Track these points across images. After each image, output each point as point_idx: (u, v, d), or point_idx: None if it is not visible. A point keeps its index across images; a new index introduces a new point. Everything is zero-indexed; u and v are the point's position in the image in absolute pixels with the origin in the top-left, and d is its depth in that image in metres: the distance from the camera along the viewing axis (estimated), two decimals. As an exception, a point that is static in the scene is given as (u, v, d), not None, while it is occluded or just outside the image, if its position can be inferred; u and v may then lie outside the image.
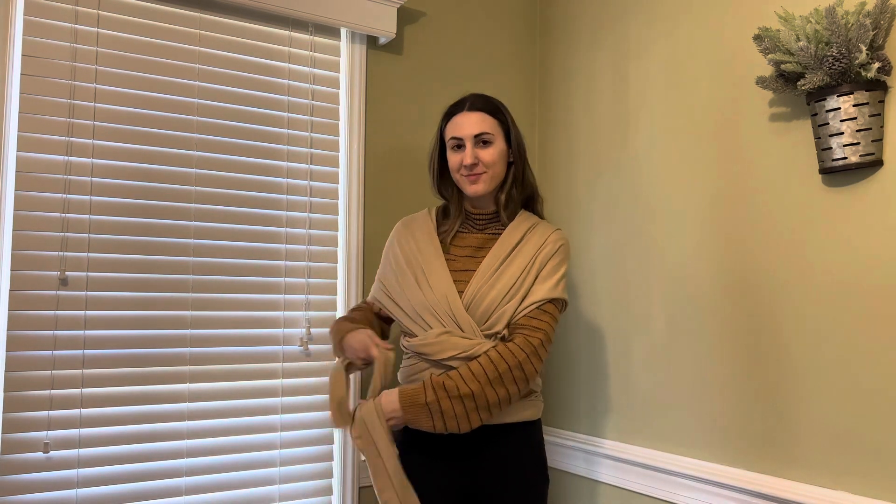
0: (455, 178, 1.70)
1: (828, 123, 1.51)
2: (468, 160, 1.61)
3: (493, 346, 1.54)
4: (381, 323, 1.80)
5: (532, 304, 1.57)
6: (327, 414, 2.09)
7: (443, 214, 1.77)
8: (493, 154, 1.62)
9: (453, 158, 1.66)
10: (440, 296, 1.60)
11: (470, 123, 1.62)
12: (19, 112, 1.72)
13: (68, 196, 1.77)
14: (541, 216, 1.76)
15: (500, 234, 1.68)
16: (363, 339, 1.57)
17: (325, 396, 2.09)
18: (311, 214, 2.10)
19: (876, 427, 1.49)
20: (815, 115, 1.54)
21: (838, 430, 1.56)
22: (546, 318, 1.57)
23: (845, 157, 1.50)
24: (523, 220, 1.69)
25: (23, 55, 1.72)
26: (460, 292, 1.60)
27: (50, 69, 1.76)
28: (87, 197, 1.79)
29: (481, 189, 1.64)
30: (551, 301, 1.60)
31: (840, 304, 1.57)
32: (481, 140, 1.62)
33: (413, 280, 1.65)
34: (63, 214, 1.76)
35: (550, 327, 1.58)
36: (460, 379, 1.48)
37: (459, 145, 1.65)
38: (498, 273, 1.60)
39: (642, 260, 2.06)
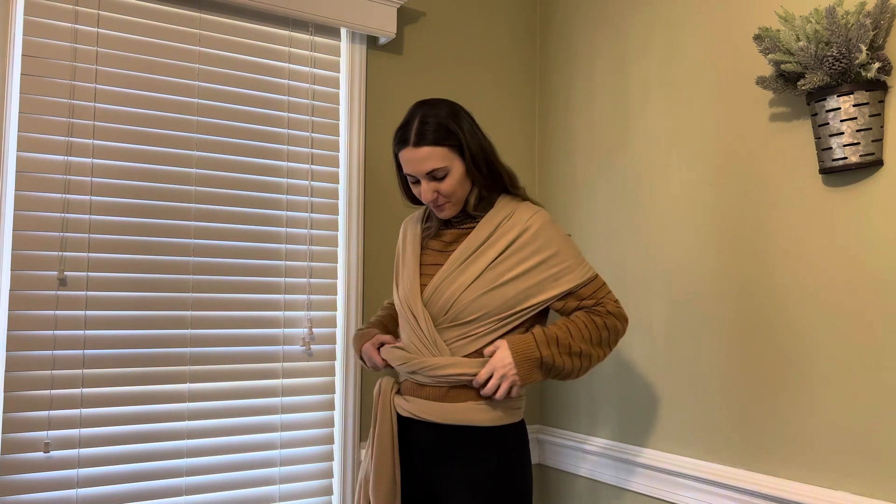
0: None
1: (828, 123, 1.51)
2: (427, 197, 1.55)
3: (586, 312, 1.56)
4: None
5: (580, 285, 1.56)
6: (327, 414, 2.10)
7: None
8: (450, 184, 1.54)
9: (414, 189, 1.60)
10: (406, 289, 1.61)
11: (418, 161, 1.52)
12: (19, 112, 1.72)
13: (68, 196, 1.77)
14: (522, 196, 1.64)
15: (474, 227, 1.61)
16: (368, 351, 1.70)
17: (325, 396, 2.09)
18: (312, 214, 2.10)
19: (876, 427, 1.49)
20: (815, 115, 1.54)
21: (838, 430, 1.56)
22: (606, 289, 1.59)
23: (845, 157, 1.50)
24: (499, 209, 1.59)
25: (23, 55, 1.72)
26: (424, 286, 1.59)
27: (50, 69, 1.76)
28: (87, 197, 1.79)
29: (449, 214, 1.60)
30: (591, 279, 1.58)
31: (840, 304, 1.57)
32: (434, 176, 1.53)
33: (395, 276, 1.69)
34: (63, 214, 1.76)
35: (609, 293, 1.59)
36: (570, 336, 1.51)
37: (415, 181, 1.58)
38: (463, 267, 1.55)
39: (642, 260, 2.06)
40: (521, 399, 1.60)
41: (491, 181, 1.59)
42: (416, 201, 1.69)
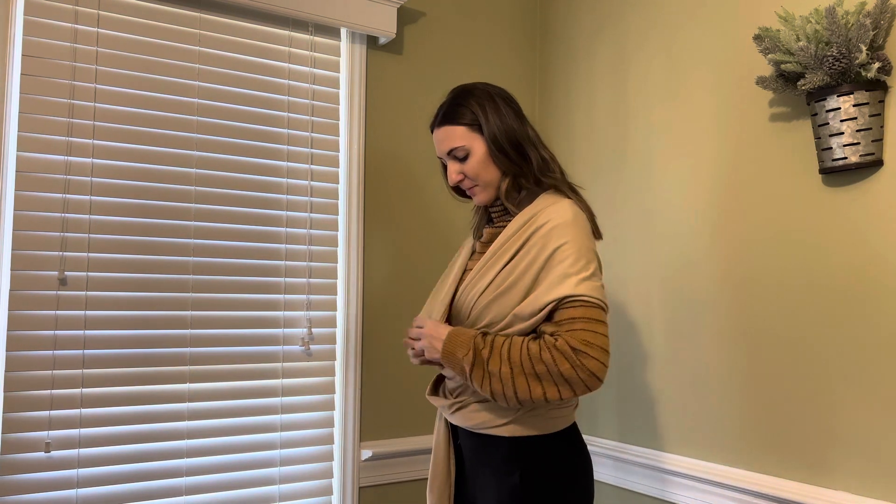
0: None
1: (828, 123, 1.51)
2: (452, 178, 1.51)
3: (536, 339, 1.35)
4: None
5: (549, 303, 1.34)
6: (327, 414, 2.10)
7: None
8: (473, 165, 1.48)
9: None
10: (444, 294, 1.56)
11: (439, 140, 1.51)
12: (19, 112, 1.72)
13: (68, 196, 1.77)
14: (565, 192, 1.50)
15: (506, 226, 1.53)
16: None
17: (325, 396, 2.09)
18: (312, 214, 2.10)
19: (876, 427, 1.49)
20: (815, 115, 1.54)
21: (838, 430, 1.56)
22: (583, 320, 1.31)
23: (845, 157, 1.50)
24: (534, 205, 1.47)
25: (23, 55, 1.72)
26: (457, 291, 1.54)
27: (50, 69, 1.75)
28: (86, 197, 1.79)
29: (482, 199, 1.53)
30: (582, 301, 1.32)
31: (839, 304, 1.57)
32: (455, 155, 1.49)
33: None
34: (63, 214, 1.76)
35: (587, 331, 1.30)
36: (506, 349, 1.34)
37: (444, 163, 1.55)
38: (484, 270, 1.46)
39: (642, 260, 2.06)
40: (548, 409, 1.42)
41: (525, 168, 1.49)
42: (459, 192, 1.62)
